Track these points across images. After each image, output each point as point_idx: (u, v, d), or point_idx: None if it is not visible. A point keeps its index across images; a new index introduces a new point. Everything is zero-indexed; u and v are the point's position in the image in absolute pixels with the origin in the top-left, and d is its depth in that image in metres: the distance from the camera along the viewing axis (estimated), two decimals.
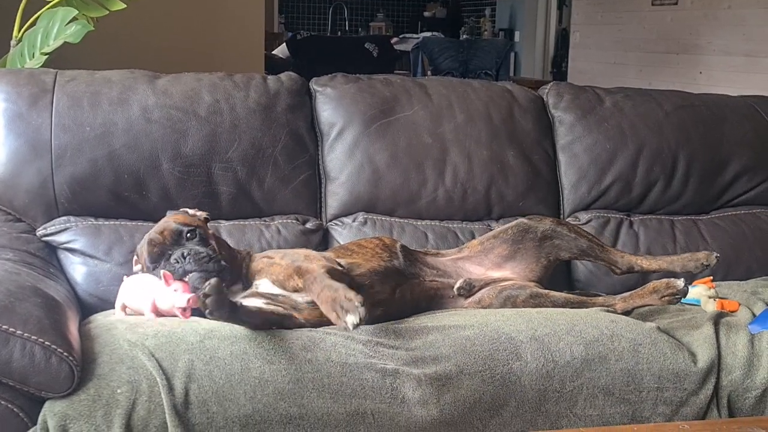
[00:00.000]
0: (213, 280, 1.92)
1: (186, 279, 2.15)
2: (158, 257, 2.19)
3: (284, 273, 2.18)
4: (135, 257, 2.30)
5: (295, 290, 2.15)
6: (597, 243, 2.55)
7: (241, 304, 1.99)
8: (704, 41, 6.36)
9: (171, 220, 2.26)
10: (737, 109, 3.13)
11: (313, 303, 2.12)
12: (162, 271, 2.16)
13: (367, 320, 2.17)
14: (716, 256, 2.48)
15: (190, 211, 2.34)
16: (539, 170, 2.89)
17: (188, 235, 2.20)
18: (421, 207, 2.77)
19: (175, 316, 2.13)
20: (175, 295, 2.12)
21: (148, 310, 2.15)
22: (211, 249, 2.20)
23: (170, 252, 2.19)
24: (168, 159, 2.54)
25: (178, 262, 2.16)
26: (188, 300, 2.09)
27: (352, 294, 1.97)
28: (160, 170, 2.54)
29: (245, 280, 2.23)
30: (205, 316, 1.98)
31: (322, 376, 1.97)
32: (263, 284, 2.20)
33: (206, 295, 1.89)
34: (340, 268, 2.21)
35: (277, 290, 2.18)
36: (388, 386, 2.00)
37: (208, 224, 2.33)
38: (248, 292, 2.20)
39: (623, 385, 2.12)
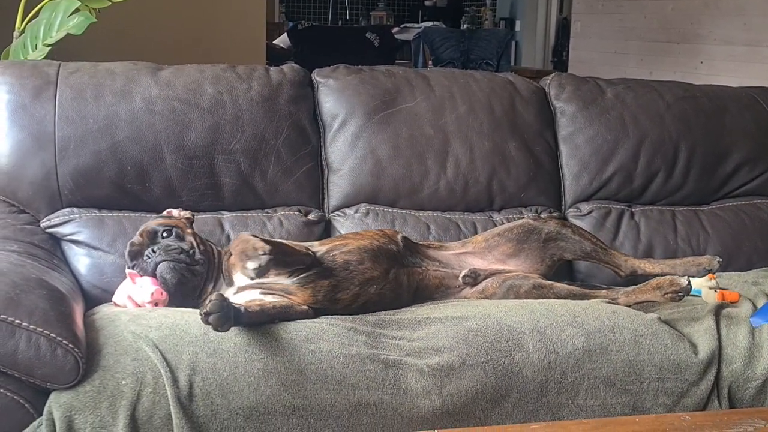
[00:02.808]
0: (215, 295, 1.91)
1: (157, 272, 2.21)
2: (135, 256, 2.27)
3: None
4: None
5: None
6: (601, 246, 2.55)
7: (244, 309, 1.98)
8: (705, 30, 6.34)
9: (151, 222, 2.33)
10: (738, 100, 3.13)
11: (299, 281, 2.18)
12: (127, 271, 2.25)
13: (361, 302, 2.25)
14: (719, 261, 2.45)
15: (174, 212, 2.40)
16: (541, 161, 2.89)
17: (164, 234, 2.27)
18: (423, 198, 2.78)
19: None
20: (141, 291, 2.19)
21: (131, 307, 2.21)
22: (186, 244, 2.26)
23: (145, 250, 2.25)
24: (171, 151, 2.55)
25: (149, 257, 2.23)
26: (151, 294, 2.16)
27: (260, 244, 2.06)
28: (163, 162, 2.54)
29: (226, 276, 2.25)
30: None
31: (325, 367, 1.98)
32: (238, 277, 2.22)
33: (208, 314, 1.88)
34: (306, 250, 2.25)
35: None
36: (391, 377, 2.01)
37: (192, 223, 2.37)
38: (245, 284, 2.20)
39: (624, 376, 2.13)
